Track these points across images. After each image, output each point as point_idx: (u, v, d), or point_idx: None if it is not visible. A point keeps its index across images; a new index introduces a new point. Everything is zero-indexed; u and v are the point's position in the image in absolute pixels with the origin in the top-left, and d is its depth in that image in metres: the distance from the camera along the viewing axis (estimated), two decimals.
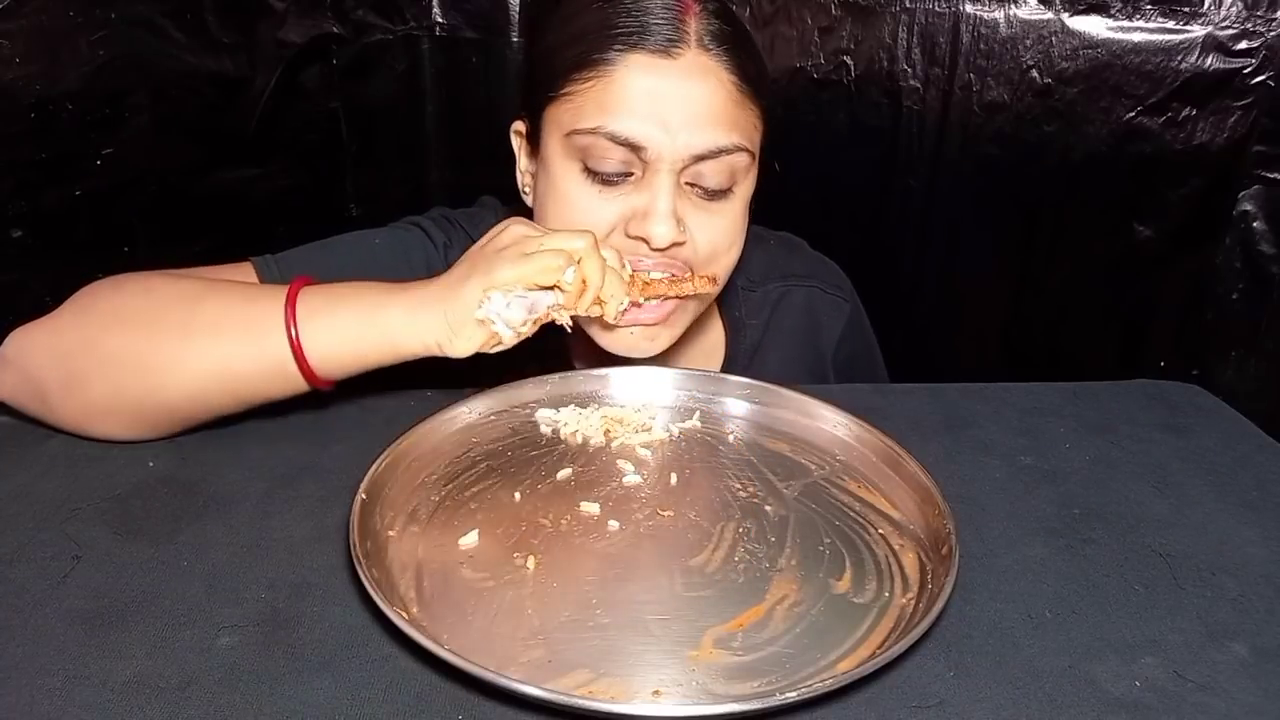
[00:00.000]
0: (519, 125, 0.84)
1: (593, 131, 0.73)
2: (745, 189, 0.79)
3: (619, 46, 0.72)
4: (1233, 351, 1.37)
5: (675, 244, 0.75)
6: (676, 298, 0.76)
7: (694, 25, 0.73)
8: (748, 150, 0.76)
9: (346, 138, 1.45)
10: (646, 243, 0.74)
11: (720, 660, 0.51)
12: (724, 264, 0.80)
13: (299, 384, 0.66)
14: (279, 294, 0.65)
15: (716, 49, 0.73)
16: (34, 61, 1.02)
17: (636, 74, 0.72)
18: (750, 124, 0.77)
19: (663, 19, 0.73)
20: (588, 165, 0.75)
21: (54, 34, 1.04)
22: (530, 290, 0.64)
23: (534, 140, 0.80)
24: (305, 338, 0.64)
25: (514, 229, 0.67)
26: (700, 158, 0.74)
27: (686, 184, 0.76)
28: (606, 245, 0.70)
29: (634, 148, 0.73)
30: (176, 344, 0.65)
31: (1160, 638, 0.56)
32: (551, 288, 0.65)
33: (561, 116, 0.75)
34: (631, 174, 0.75)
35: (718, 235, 0.78)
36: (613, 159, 0.74)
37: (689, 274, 0.77)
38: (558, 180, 0.77)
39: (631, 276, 0.71)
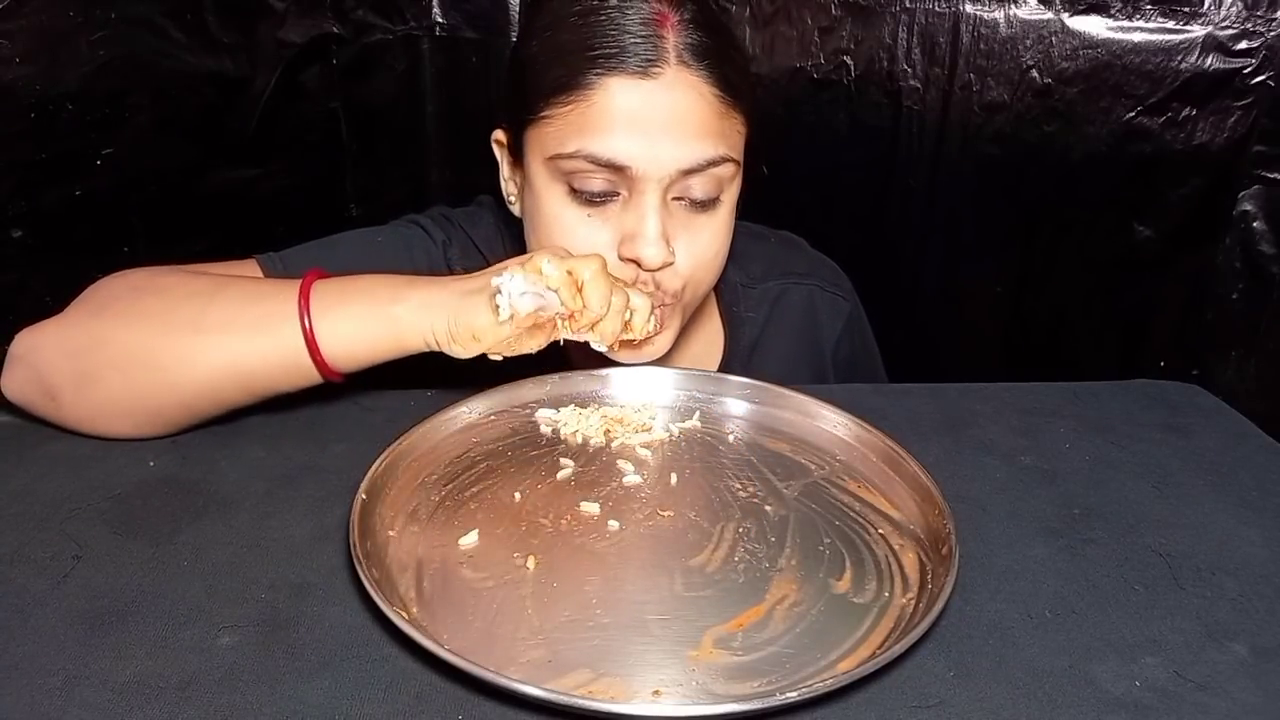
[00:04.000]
0: (499, 135, 0.83)
1: (573, 155, 0.72)
2: (731, 196, 0.79)
3: (597, 70, 0.71)
4: (1233, 351, 1.36)
5: (666, 264, 0.75)
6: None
7: (672, 40, 0.72)
8: (733, 160, 0.76)
9: (346, 138, 1.45)
10: (638, 264, 0.74)
11: (720, 660, 0.51)
12: (709, 273, 0.81)
13: (312, 376, 0.67)
14: (292, 288, 0.66)
15: (697, 64, 0.72)
16: (34, 61, 1.01)
17: (616, 95, 0.71)
18: (735, 132, 0.76)
19: (640, 37, 0.71)
20: (573, 187, 0.74)
21: (54, 34, 1.03)
22: (549, 290, 0.64)
23: (516, 154, 0.80)
24: (319, 331, 0.64)
25: (547, 250, 0.67)
26: (687, 173, 0.73)
27: (673, 199, 0.75)
28: (625, 288, 0.70)
29: (617, 168, 0.72)
30: (189, 340, 0.65)
31: (1160, 638, 0.56)
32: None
33: (543, 140, 0.75)
34: (618, 194, 0.74)
35: (702, 248, 0.78)
36: (597, 180, 0.73)
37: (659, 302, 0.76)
38: (545, 204, 0.76)
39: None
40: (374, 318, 0.65)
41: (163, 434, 0.70)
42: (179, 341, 0.65)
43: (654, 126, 0.71)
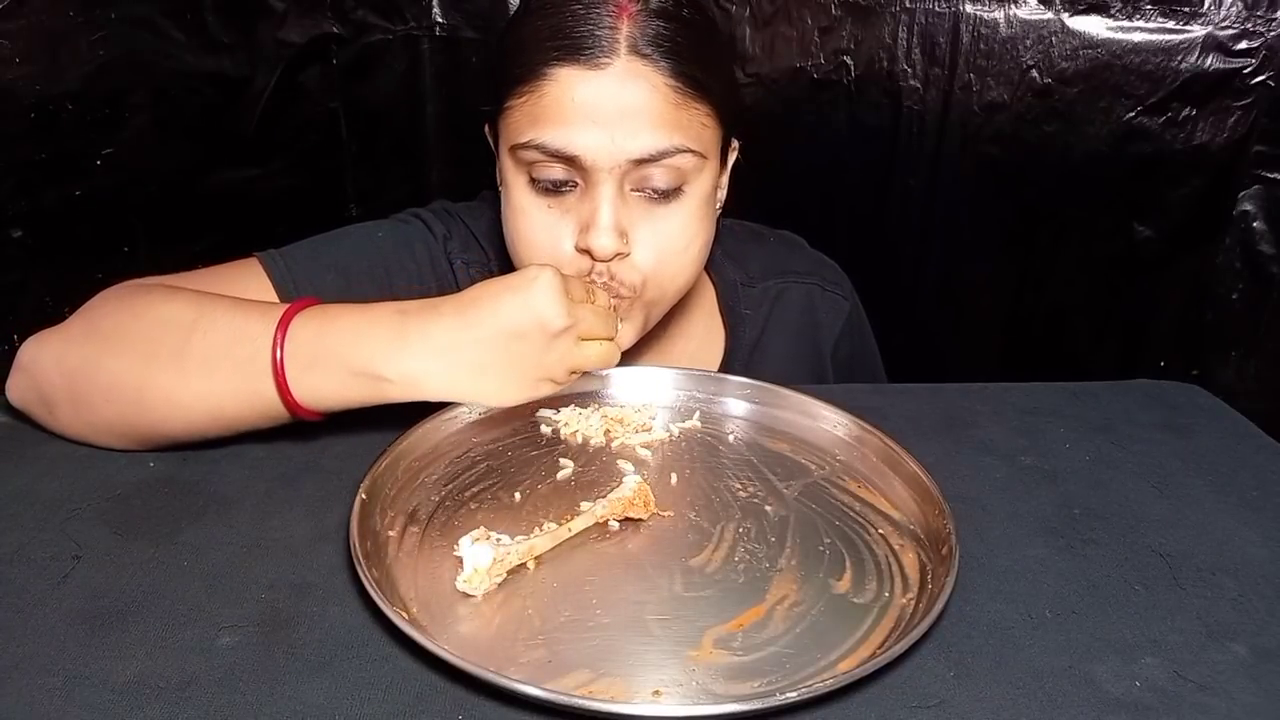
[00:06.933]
0: (487, 127, 0.84)
1: (527, 145, 0.73)
2: (700, 188, 0.77)
3: (550, 62, 0.72)
4: (1233, 351, 1.36)
5: (619, 254, 0.74)
6: None
7: (626, 30, 0.72)
8: (693, 151, 0.74)
9: (346, 138, 1.45)
10: (590, 255, 0.74)
11: (720, 660, 0.51)
12: (675, 266, 0.78)
13: (290, 418, 0.66)
14: (269, 329, 0.64)
15: (651, 53, 0.72)
16: (34, 61, 1.02)
17: (567, 86, 0.72)
18: (696, 124, 0.75)
19: (594, 26, 0.71)
20: (533, 177, 0.75)
21: (54, 34, 1.04)
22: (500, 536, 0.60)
23: (496, 146, 0.81)
24: (295, 387, 0.63)
25: (540, 307, 0.64)
26: (640, 162, 0.73)
27: (633, 190, 0.75)
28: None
29: (568, 158, 0.73)
30: (172, 380, 0.64)
31: (1160, 638, 0.56)
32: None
33: (507, 131, 0.76)
34: (576, 184, 0.75)
35: (665, 240, 0.76)
36: (555, 169, 0.74)
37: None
38: (511, 193, 0.77)
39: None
40: (357, 386, 0.64)
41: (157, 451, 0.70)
42: (162, 378, 0.64)
43: (604, 117, 0.71)
